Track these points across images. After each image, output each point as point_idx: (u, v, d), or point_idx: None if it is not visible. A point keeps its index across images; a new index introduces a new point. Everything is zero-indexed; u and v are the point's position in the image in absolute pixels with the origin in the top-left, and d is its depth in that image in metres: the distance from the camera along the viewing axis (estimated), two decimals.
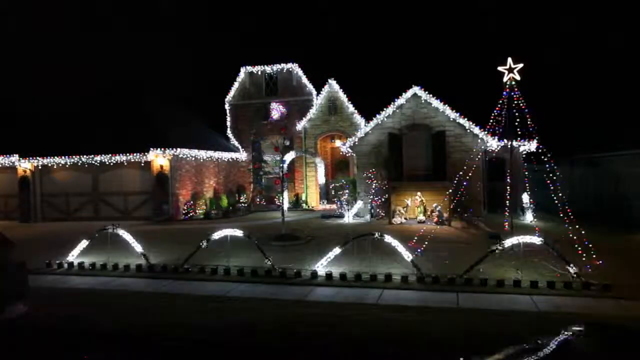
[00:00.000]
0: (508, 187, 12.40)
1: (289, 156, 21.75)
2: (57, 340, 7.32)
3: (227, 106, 25.24)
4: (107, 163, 19.33)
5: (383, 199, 17.57)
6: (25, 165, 20.12)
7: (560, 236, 11.41)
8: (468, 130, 17.29)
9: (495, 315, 7.20)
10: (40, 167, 20.23)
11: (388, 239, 9.75)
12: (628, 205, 16.05)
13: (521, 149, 18.35)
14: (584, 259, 9.69)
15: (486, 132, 16.44)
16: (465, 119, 17.32)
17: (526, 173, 14.32)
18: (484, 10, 37.11)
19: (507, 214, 12.12)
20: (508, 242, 9.25)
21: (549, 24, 36.18)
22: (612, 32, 28.99)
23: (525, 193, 16.13)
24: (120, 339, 7.00)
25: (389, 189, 17.14)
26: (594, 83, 26.02)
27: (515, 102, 11.67)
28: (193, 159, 20.56)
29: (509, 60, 11.62)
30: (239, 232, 10.49)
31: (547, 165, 12.48)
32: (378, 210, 17.88)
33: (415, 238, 11.85)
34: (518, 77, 11.58)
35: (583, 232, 10.75)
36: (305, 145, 23.69)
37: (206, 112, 26.15)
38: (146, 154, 18.89)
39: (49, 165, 20.01)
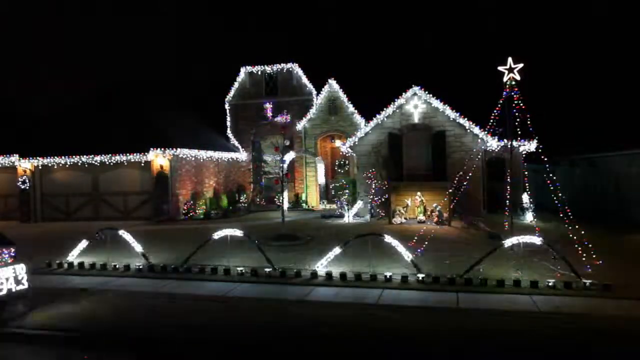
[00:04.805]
0: (508, 187, 12.39)
1: (289, 156, 21.75)
2: (57, 339, 7.31)
3: (227, 106, 25.24)
4: (107, 163, 19.33)
5: (383, 199, 17.57)
6: (25, 165, 20.12)
7: (560, 236, 11.42)
8: (468, 130, 17.29)
9: (495, 315, 7.20)
10: (40, 167, 20.22)
11: (388, 239, 9.75)
12: (628, 205, 16.05)
13: (521, 149, 18.35)
14: (584, 259, 9.69)
15: (486, 132, 16.43)
16: (465, 119, 17.31)
17: (526, 173, 14.33)
18: (484, 10, 37.11)
19: (507, 214, 12.12)
20: (508, 242, 9.25)
21: (549, 24, 36.17)
22: (612, 32, 28.98)
23: (525, 193, 16.13)
24: (120, 339, 7.02)
25: (389, 189, 17.13)
26: (594, 83, 26.01)
27: (515, 102, 11.67)
28: (193, 159, 20.56)
29: (509, 60, 11.62)
30: (238, 232, 10.49)
31: (547, 165, 12.49)
32: (378, 210, 17.87)
33: (415, 238, 11.85)
34: (518, 77, 11.58)
35: (583, 232, 10.76)
36: (305, 145, 23.68)
37: (206, 112, 26.12)
38: (146, 154, 18.89)
39: (49, 165, 20.00)
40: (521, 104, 11.64)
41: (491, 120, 12.32)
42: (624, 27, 28.22)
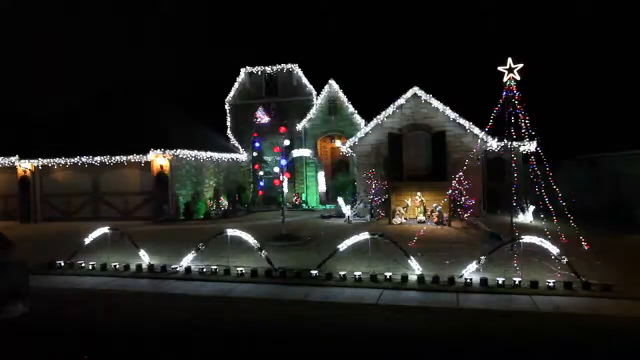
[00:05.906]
0: (508, 187, 12.40)
1: (289, 156, 21.76)
2: (57, 339, 7.31)
3: (227, 106, 25.25)
4: (107, 163, 19.33)
5: (383, 199, 17.56)
6: (25, 165, 20.12)
7: (560, 236, 11.42)
8: (468, 130, 17.29)
9: (495, 315, 7.19)
10: (40, 167, 20.23)
11: (388, 239, 9.75)
12: (629, 205, 16.06)
13: (521, 149, 18.35)
14: (584, 259, 9.69)
15: (486, 132, 16.44)
16: (465, 119, 17.31)
17: (526, 173, 14.32)
18: (484, 10, 37.11)
19: (507, 214, 12.12)
20: (507, 242, 9.25)
21: (549, 24, 36.17)
22: (612, 32, 28.98)
23: (525, 193, 16.13)
24: (120, 339, 7.02)
25: (389, 189, 17.13)
26: (595, 83, 26.02)
27: (516, 102, 11.67)
28: (193, 159, 20.56)
29: (509, 60, 11.61)
30: (238, 233, 10.49)
31: (547, 166, 12.49)
32: (378, 210, 17.87)
33: (415, 238, 11.85)
34: (518, 77, 11.58)
35: (583, 232, 10.76)
36: (305, 145, 23.68)
37: (206, 112, 26.14)
38: (146, 154, 18.89)
39: (49, 165, 20.01)
40: (521, 104, 11.64)
41: (491, 120, 12.32)
42: (625, 26, 28.22)
